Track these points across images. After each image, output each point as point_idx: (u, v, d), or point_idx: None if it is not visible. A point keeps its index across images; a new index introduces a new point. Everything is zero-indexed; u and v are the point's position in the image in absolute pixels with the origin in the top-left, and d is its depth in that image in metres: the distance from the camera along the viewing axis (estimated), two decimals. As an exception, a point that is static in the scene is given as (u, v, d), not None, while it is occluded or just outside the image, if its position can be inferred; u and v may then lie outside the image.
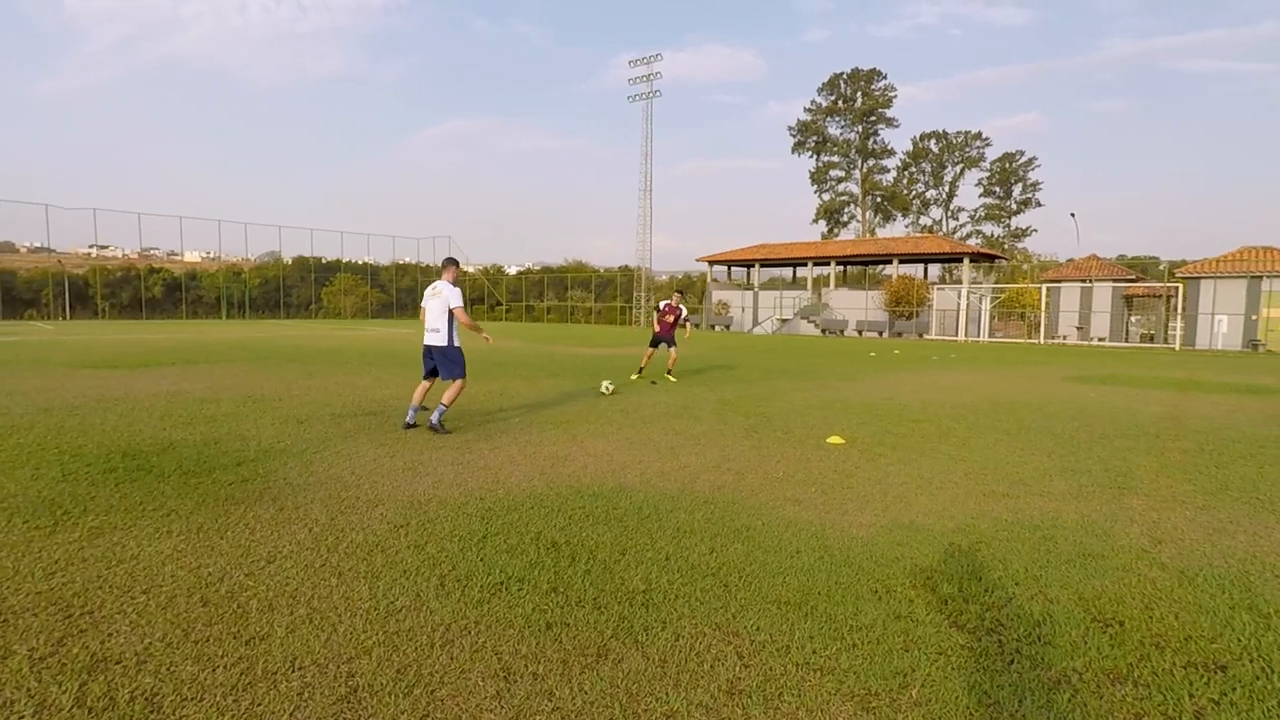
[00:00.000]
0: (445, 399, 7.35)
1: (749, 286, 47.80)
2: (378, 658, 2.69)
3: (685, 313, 12.92)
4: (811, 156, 70.14)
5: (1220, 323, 29.60)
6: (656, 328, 12.63)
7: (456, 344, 7.42)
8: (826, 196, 70.24)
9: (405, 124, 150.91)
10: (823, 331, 40.58)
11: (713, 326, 46.01)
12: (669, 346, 12.57)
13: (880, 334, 39.01)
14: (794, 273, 51.03)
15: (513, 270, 70.90)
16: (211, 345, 19.67)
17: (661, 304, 12.76)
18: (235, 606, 3.10)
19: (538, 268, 69.61)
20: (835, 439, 7.31)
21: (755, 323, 44.67)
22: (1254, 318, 29.14)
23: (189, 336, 24.30)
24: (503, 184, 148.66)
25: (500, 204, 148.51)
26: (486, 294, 63.17)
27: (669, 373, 12.73)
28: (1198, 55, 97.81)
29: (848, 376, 14.37)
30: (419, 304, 7.62)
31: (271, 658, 2.67)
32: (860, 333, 39.83)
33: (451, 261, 7.48)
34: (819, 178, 70.12)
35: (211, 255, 56.46)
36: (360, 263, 60.45)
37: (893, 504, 4.99)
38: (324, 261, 57.37)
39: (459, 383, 7.40)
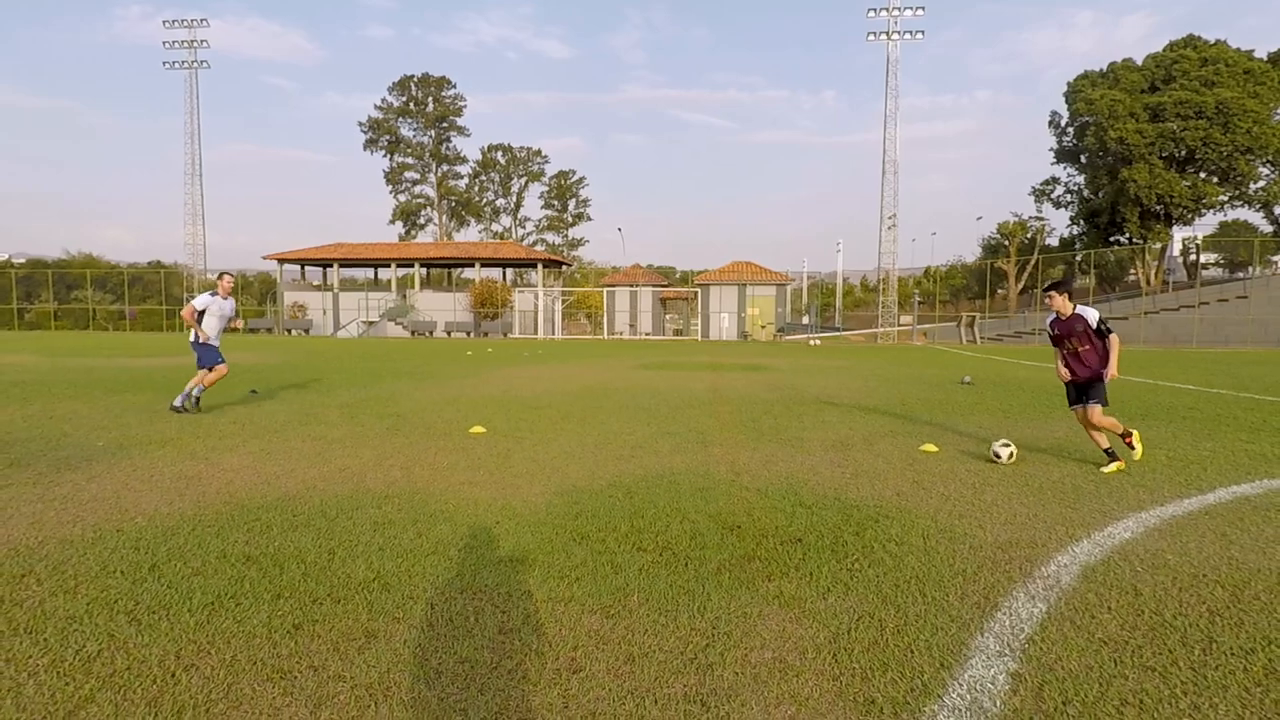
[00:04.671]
0: (207, 381, 9.08)
1: (327, 288, 44.59)
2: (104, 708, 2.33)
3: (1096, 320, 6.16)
4: (385, 156, 68.54)
5: (724, 319, 38.76)
6: (1066, 370, 6.33)
7: (200, 340, 9.06)
8: (403, 198, 69.44)
9: None
10: (412, 333, 40.31)
11: (289, 331, 41.69)
12: (1092, 402, 6.19)
13: (468, 334, 40.46)
14: (376, 274, 49.32)
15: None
16: None
17: (1055, 319, 6.37)
18: None
19: (22, 261, 53.64)
20: (478, 429, 7.83)
21: (338, 326, 41.98)
22: (743, 315, 38.91)
23: None
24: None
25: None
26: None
27: (1130, 447, 6.39)
28: (689, 108, 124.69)
29: (458, 375, 14.95)
30: None
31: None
32: (449, 333, 40.68)
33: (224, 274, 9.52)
34: (394, 178, 68.92)
35: None
36: None
37: (553, 475, 5.77)
38: None
39: (220, 368, 9.16)
